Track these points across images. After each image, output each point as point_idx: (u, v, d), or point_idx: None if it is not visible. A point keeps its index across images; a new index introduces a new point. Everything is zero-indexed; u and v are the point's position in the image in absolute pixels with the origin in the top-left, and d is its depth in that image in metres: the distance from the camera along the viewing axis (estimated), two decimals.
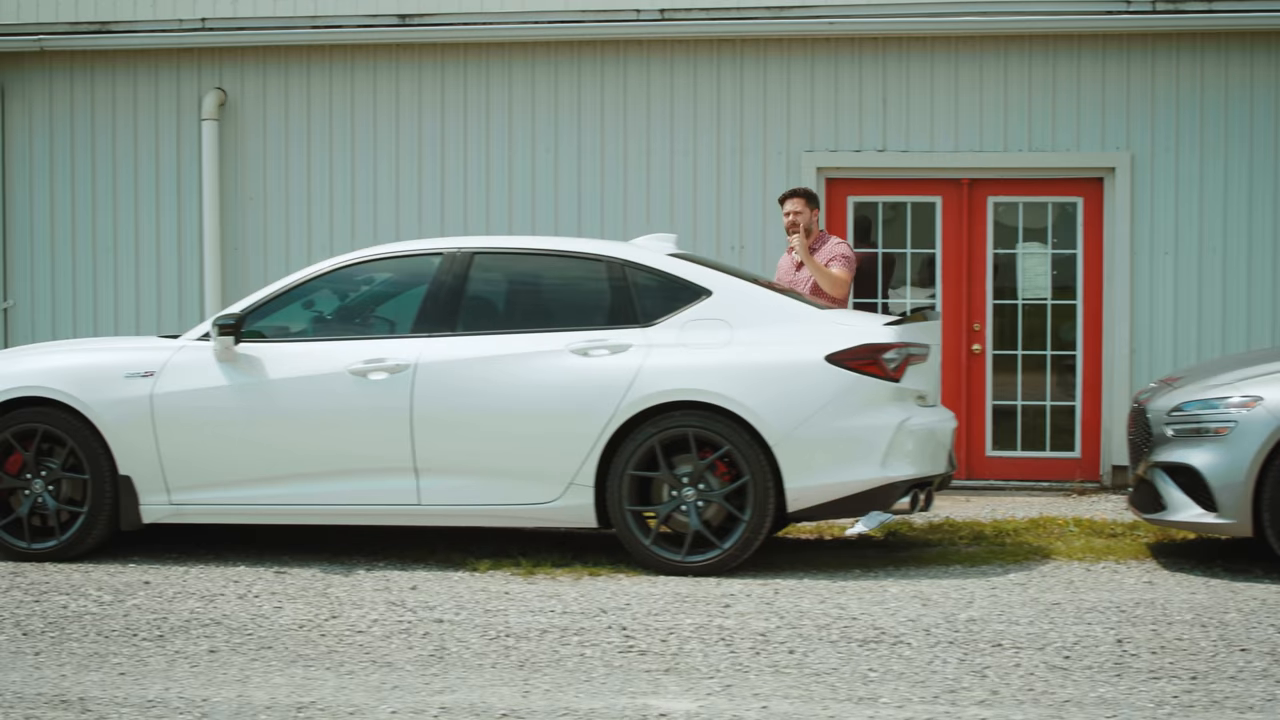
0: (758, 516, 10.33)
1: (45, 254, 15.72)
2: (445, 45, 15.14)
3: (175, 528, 11.50)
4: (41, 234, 15.71)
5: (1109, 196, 14.61)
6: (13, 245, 15.73)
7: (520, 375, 10.57)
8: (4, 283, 15.70)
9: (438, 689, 7.93)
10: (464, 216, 15.14)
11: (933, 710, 7.51)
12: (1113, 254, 14.59)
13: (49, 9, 15.45)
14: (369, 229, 15.15)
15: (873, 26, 14.59)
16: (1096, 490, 14.56)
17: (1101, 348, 14.71)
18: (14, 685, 8.01)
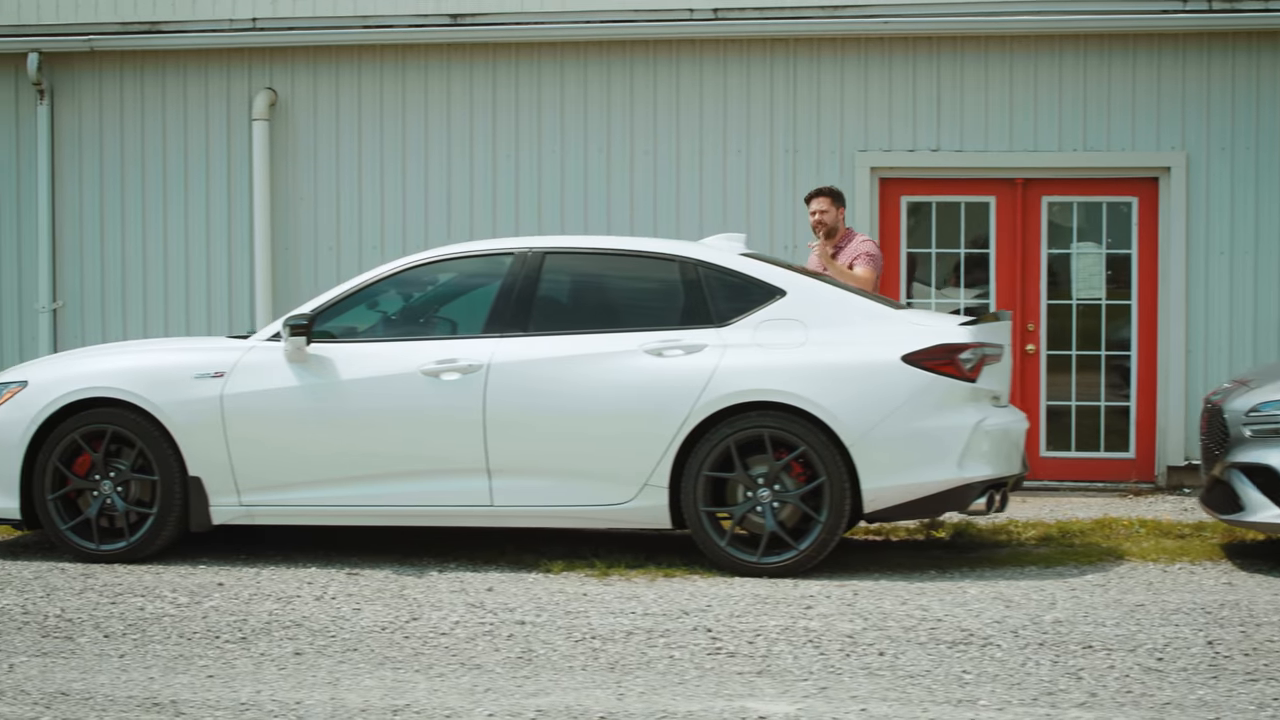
0: (834, 517, 10.28)
1: (95, 254, 15.67)
2: (496, 45, 15.09)
3: (239, 528, 11.43)
4: (91, 234, 15.67)
5: (1164, 196, 14.56)
6: (62, 246, 15.69)
7: (594, 376, 10.52)
8: (54, 283, 15.66)
9: (530, 691, 7.89)
10: (515, 217, 15.10)
11: (1033, 712, 7.47)
12: (1168, 254, 14.54)
13: (99, 9, 15.40)
14: (419, 229, 15.11)
15: (927, 26, 14.54)
16: (1152, 491, 14.50)
17: (1156, 348, 14.66)
18: (103, 687, 7.97)
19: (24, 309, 15.78)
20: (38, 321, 15.67)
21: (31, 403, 10.95)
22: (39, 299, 15.67)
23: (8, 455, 10.97)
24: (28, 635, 9.02)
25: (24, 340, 15.75)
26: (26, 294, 15.76)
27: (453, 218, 15.12)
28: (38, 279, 15.67)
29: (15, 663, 8.43)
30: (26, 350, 15.69)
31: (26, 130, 15.73)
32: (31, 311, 15.73)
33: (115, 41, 15.37)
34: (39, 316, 15.65)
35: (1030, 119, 14.66)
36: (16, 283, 15.77)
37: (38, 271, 15.65)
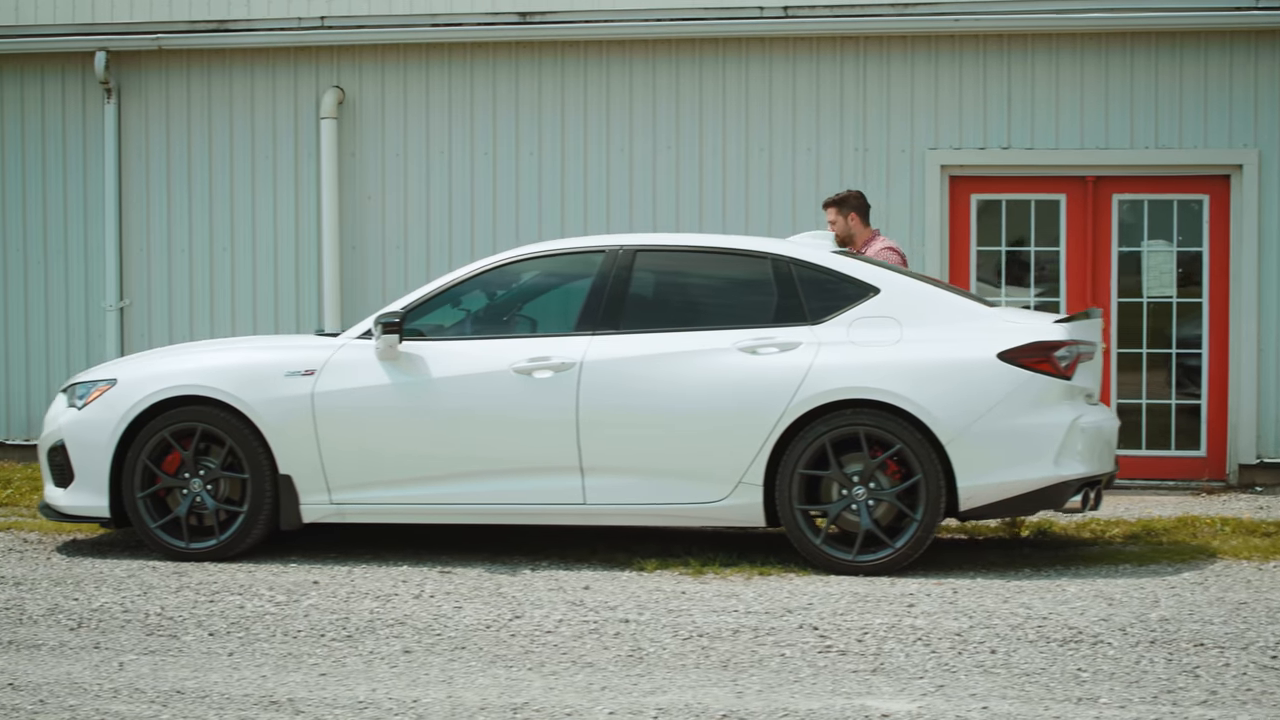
0: (930, 515, 10.26)
1: (162, 253, 15.69)
2: (565, 43, 15.08)
3: (323, 525, 11.41)
4: (158, 233, 15.69)
5: (1236, 194, 14.52)
6: (129, 245, 15.71)
7: (688, 373, 10.50)
8: (120, 282, 15.67)
9: (647, 689, 7.87)
10: (583, 216, 15.09)
11: (1156, 710, 7.44)
12: (1239, 252, 14.50)
13: (167, 8, 15.42)
14: (488, 228, 15.11)
15: (998, 24, 14.51)
16: (1224, 489, 14.46)
17: (1228, 346, 14.62)
18: (217, 685, 7.96)
19: (91, 307, 15.80)
20: (105, 320, 15.68)
21: (121, 401, 10.94)
22: (106, 297, 15.69)
23: (97, 454, 10.96)
24: (132, 633, 9.01)
25: (91, 339, 15.77)
26: (94, 293, 15.78)
27: (520, 217, 15.11)
28: (105, 278, 15.69)
29: (124, 661, 8.43)
30: (94, 349, 15.71)
31: (94, 129, 15.75)
32: (99, 310, 15.75)
33: (183, 40, 15.38)
34: (106, 315, 15.67)
35: (1101, 117, 14.62)
36: (84, 281, 15.78)
37: (105, 270, 15.67)
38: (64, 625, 9.19)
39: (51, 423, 11.27)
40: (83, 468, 11.00)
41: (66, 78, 15.80)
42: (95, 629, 9.11)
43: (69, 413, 11.13)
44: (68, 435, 11.05)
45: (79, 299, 15.81)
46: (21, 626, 9.18)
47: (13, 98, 15.89)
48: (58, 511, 11.20)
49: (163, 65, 15.61)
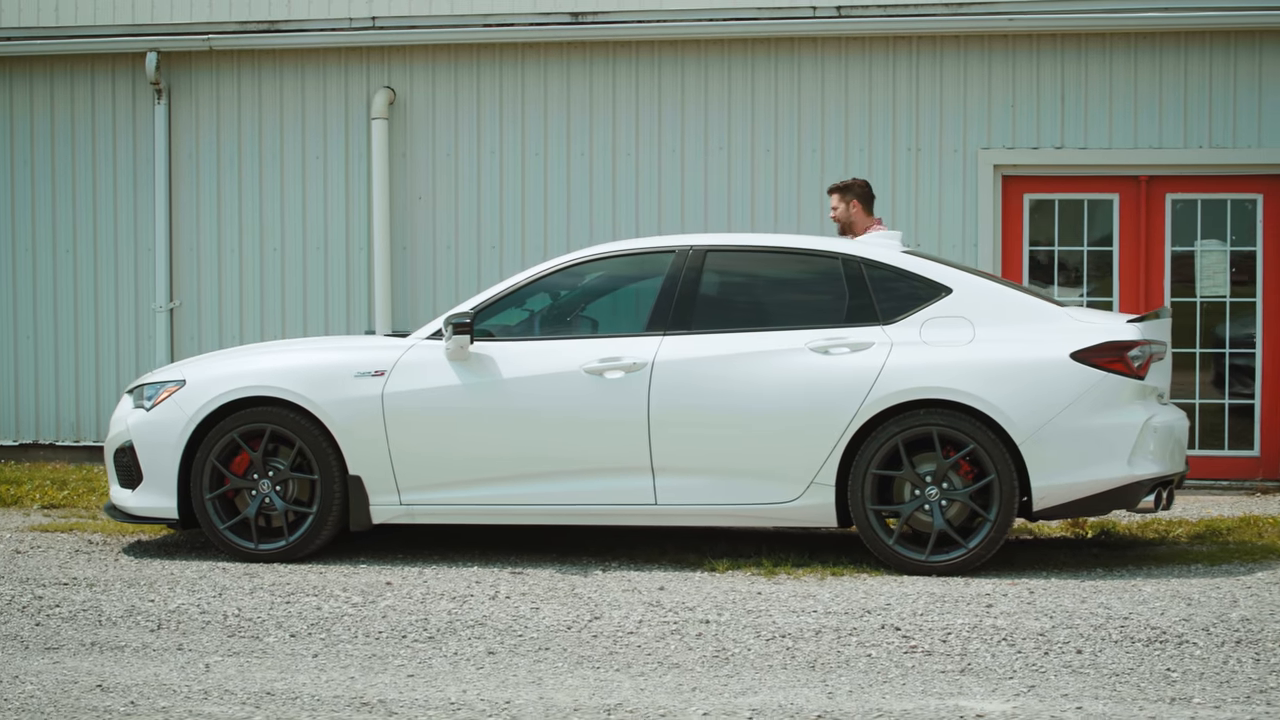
0: (1004, 515, 10.25)
1: (211, 254, 15.70)
2: (616, 43, 15.08)
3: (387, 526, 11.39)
4: (208, 234, 15.70)
5: None
6: (179, 245, 15.72)
7: (760, 373, 10.49)
8: (170, 283, 15.68)
9: (738, 690, 7.87)
10: (635, 217, 15.09)
11: (1251, 711, 7.44)
12: None
13: (218, 8, 15.42)
14: (538, 228, 15.11)
15: (1052, 23, 14.50)
16: (1277, 489, 14.44)
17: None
18: (306, 687, 7.96)
19: (141, 308, 15.81)
20: (154, 321, 15.69)
21: (190, 402, 10.94)
22: (156, 299, 15.70)
23: (165, 454, 10.95)
24: (213, 635, 9.01)
25: (140, 340, 15.78)
26: (144, 294, 15.79)
27: (571, 218, 15.10)
28: (155, 279, 15.70)
29: (210, 662, 8.43)
30: (143, 350, 15.72)
31: (144, 130, 15.76)
32: (149, 311, 15.76)
33: (233, 41, 15.39)
34: (156, 316, 15.68)
35: (1154, 116, 14.61)
36: (134, 282, 15.79)
37: (155, 271, 15.69)
38: (144, 626, 9.19)
39: (118, 424, 11.27)
40: (151, 469, 10.99)
41: (117, 78, 15.81)
42: (176, 630, 9.11)
43: (137, 413, 11.13)
44: (136, 436, 11.05)
45: (129, 300, 15.81)
46: (101, 628, 9.18)
47: (63, 98, 15.90)
48: (125, 513, 11.20)
49: (213, 66, 15.62)
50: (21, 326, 15.95)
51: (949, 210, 14.69)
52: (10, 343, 15.97)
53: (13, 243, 15.97)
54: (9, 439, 16.01)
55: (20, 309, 15.96)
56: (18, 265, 15.97)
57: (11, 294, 15.96)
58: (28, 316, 15.96)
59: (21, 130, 15.95)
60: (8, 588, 10.16)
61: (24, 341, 15.94)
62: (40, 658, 8.54)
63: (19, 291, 15.95)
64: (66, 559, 11.16)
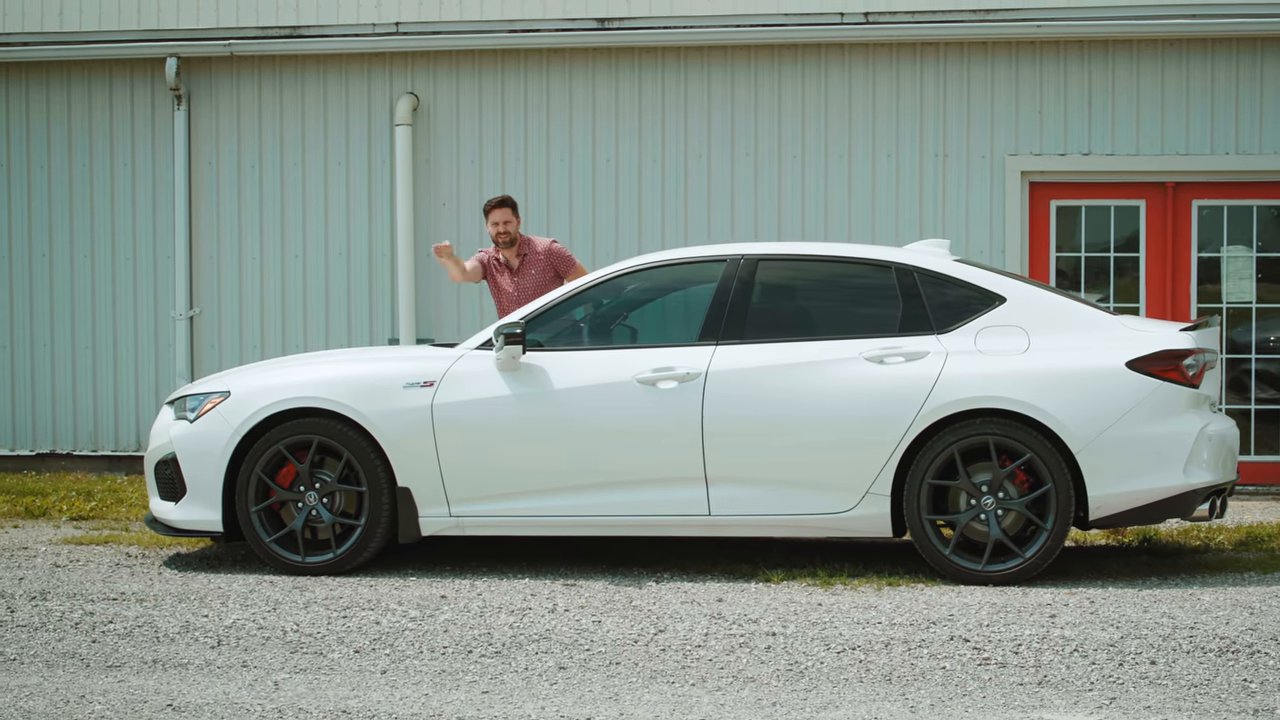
0: (1061, 525, 10.22)
1: (232, 262, 15.59)
2: (642, 49, 15.02)
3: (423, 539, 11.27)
4: (229, 241, 15.59)
5: None
6: (199, 253, 15.60)
7: (814, 383, 10.44)
8: (190, 290, 15.57)
9: (818, 705, 7.82)
10: (660, 223, 15.04)
11: None
12: None
13: (239, 13, 15.31)
14: (564, 237, 15.01)
15: (1078, 29, 14.49)
16: None
17: None
18: (381, 705, 7.89)
19: (160, 316, 15.70)
20: (174, 329, 15.58)
21: (235, 413, 10.84)
22: (175, 306, 15.59)
23: (210, 467, 10.86)
24: (275, 651, 8.92)
25: (160, 348, 15.67)
26: (163, 301, 15.68)
27: (597, 225, 15.04)
28: (174, 286, 15.58)
29: (278, 680, 8.35)
30: (163, 358, 15.61)
31: (163, 135, 15.64)
32: (168, 319, 15.65)
33: (255, 46, 15.29)
34: (175, 324, 15.57)
35: (1181, 122, 14.60)
36: (153, 290, 15.68)
37: (174, 279, 15.57)
38: (203, 643, 9.10)
39: (160, 435, 11.16)
40: (195, 481, 10.90)
41: (136, 84, 15.69)
42: (236, 646, 9.02)
43: (179, 425, 11.03)
44: (179, 448, 10.95)
45: (148, 308, 15.70)
46: (160, 645, 9.08)
47: (81, 104, 15.78)
48: (167, 525, 11.10)
49: (233, 71, 15.52)
50: (39, 335, 15.82)
51: (976, 216, 14.67)
52: (28, 351, 15.84)
53: (30, 250, 15.85)
54: (27, 448, 15.89)
55: (38, 317, 15.83)
56: (35, 273, 15.84)
57: (29, 302, 15.83)
58: (45, 324, 15.83)
59: (39, 136, 15.82)
60: (56, 603, 10.05)
61: (42, 350, 15.81)
62: (103, 676, 8.45)
63: (36, 299, 15.82)
64: (109, 573, 11.05)
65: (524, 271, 13.03)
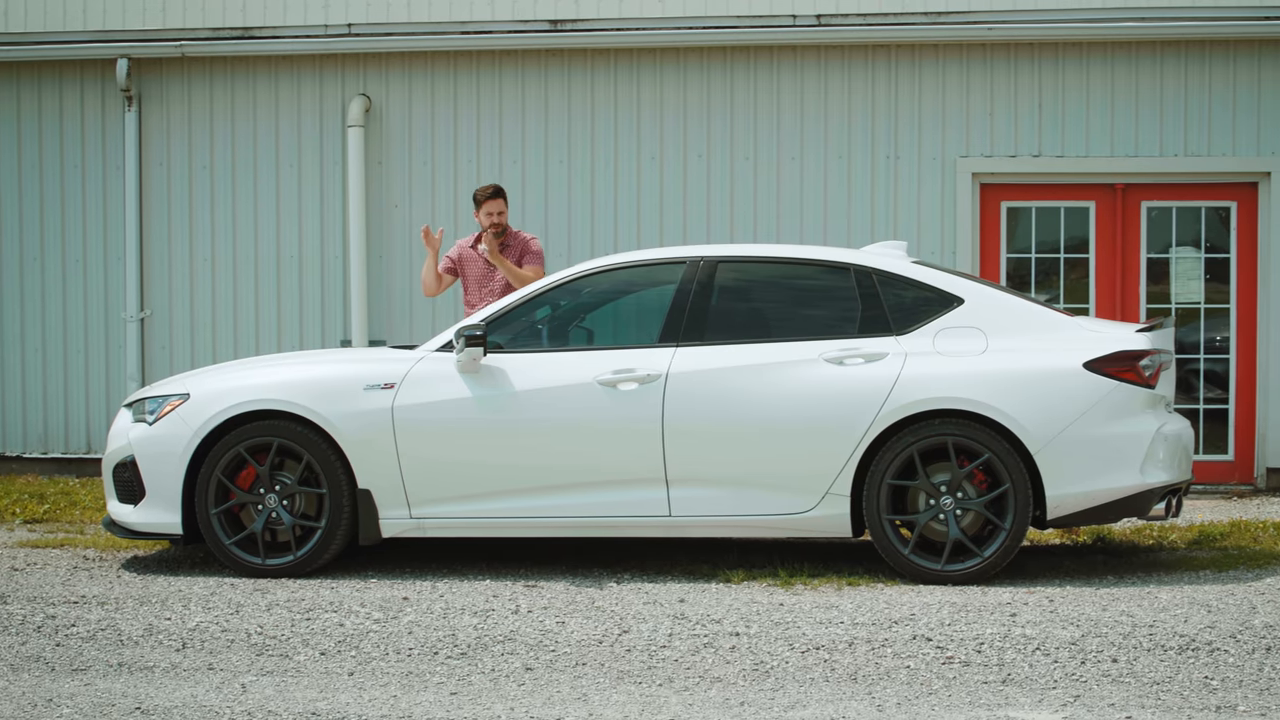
0: (1019, 524, 10.31)
1: (183, 263, 15.53)
2: (595, 51, 15.05)
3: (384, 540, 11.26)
4: (180, 243, 15.54)
5: (1264, 201, 14.66)
6: (150, 254, 15.54)
7: (774, 385, 10.50)
8: (141, 291, 15.50)
9: (785, 704, 7.87)
10: (614, 224, 15.07)
11: None
12: (1267, 257, 14.64)
13: (190, 15, 15.26)
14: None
15: (1030, 32, 14.59)
16: (1252, 493, 14.60)
17: (1255, 351, 14.75)
18: (350, 706, 7.91)
19: (110, 318, 15.62)
20: (125, 331, 15.52)
21: (194, 416, 10.82)
22: (126, 308, 15.53)
23: (170, 469, 10.83)
24: (241, 654, 8.91)
25: (111, 350, 15.60)
26: (113, 303, 15.61)
27: (550, 226, 15.04)
28: (125, 288, 15.52)
29: (245, 682, 8.35)
30: (114, 360, 15.54)
31: (114, 137, 15.58)
32: (119, 321, 15.58)
33: (206, 47, 15.24)
34: (126, 326, 15.51)
35: (1131, 125, 14.73)
36: (103, 292, 15.61)
37: (125, 280, 15.51)
38: (168, 646, 9.08)
39: (118, 438, 11.13)
40: (154, 484, 10.87)
41: (86, 85, 15.62)
42: (201, 649, 9.00)
43: (138, 428, 11.00)
44: (139, 450, 10.92)
45: (98, 310, 15.62)
46: (124, 648, 9.06)
47: (32, 105, 15.70)
48: (126, 528, 11.06)
49: (185, 72, 15.47)
50: None
51: (927, 218, 14.76)
52: None
53: None
54: None
55: None
56: None
57: None
58: None
59: None
60: (17, 607, 10.01)
61: None
62: (69, 680, 8.43)
63: None
64: (68, 576, 11.01)
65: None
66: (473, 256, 13.20)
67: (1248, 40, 14.56)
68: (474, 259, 13.19)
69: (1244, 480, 14.80)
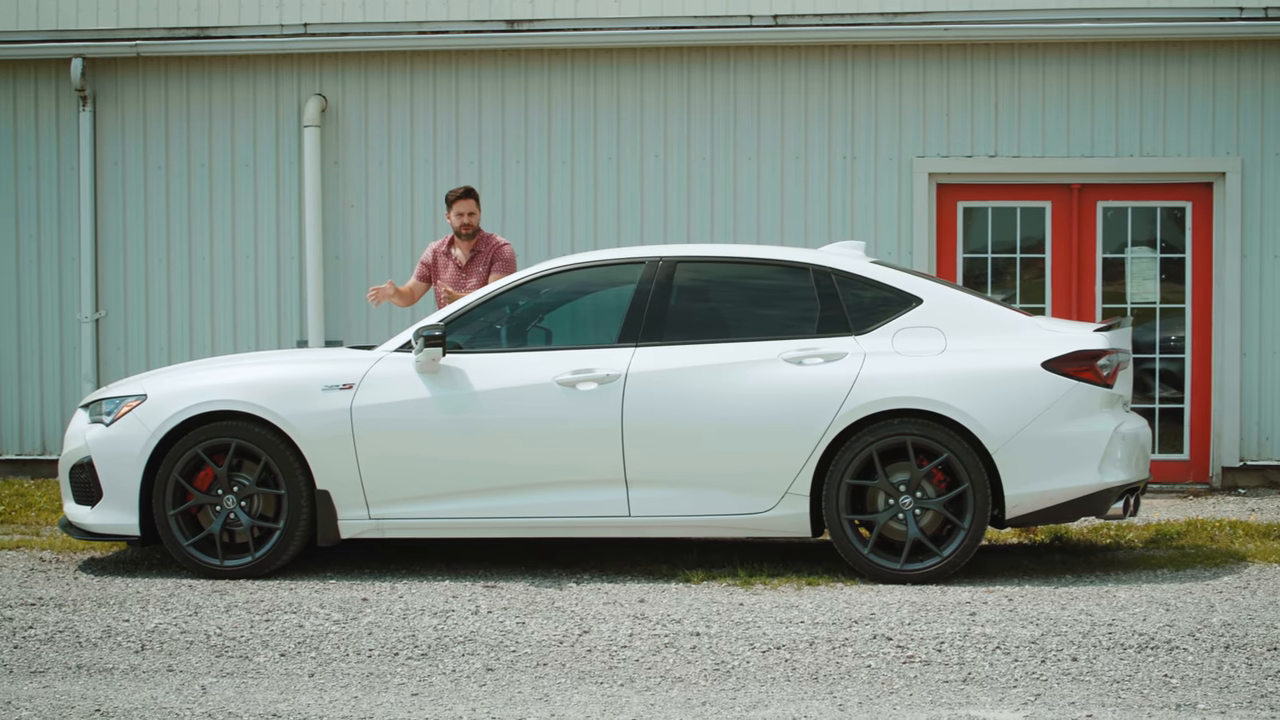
0: (978, 524, 10.34)
1: (139, 264, 15.45)
2: (552, 51, 15.03)
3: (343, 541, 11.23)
4: (135, 244, 15.45)
5: (1218, 201, 14.73)
6: (105, 255, 15.45)
7: (734, 385, 10.50)
8: (96, 292, 15.42)
9: (747, 704, 7.89)
10: (571, 223, 15.06)
11: (1256, 715, 7.60)
12: (1223, 258, 14.71)
13: (146, 14, 15.18)
14: None
15: (985, 33, 14.63)
16: (1208, 492, 14.66)
17: (1211, 350, 14.82)
18: (311, 708, 7.90)
19: (65, 319, 15.53)
20: (80, 332, 15.43)
21: (152, 417, 10.78)
22: (81, 309, 15.43)
23: (127, 470, 10.79)
24: (200, 655, 8.88)
25: (65, 351, 15.50)
26: (68, 304, 15.52)
27: (507, 227, 15.00)
28: (80, 288, 15.42)
29: (206, 684, 8.32)
30: (69, 361, 15.45)
31: (68, 138, 15.48)
32: (74, 321, 15.49)
33: (162, 47, 15.16)
34: (81, 326, 15.42)
35: (1087, 125, 14.78)
36: (58, 292, 15.52)
37: (80, 280, 15.41)
38: (126, 648, 9.04)
39: (74, 439, 11.07)
40: (111, 485, 10.82)
41: (40, 85, 15.53)
42: (160, 651, 8.97)
43: (95, 429, 10.94)
44: (95, 452, 10.87)
45: (53, 310, 15.53)
46: (83, 650, 9.02)
47: None
48: (82, 529, 11.01)
49: (140, 72, 15.38)
50: None
51: (884, 218, 14.79)
52: None
53: None
54: None
55: None
56: None
57: None
58: None
59: None
60: None
61: None
62: (28, 682, 8.39)
63: None
64: (24, 577, 10.95)
65: (471, 267, 12.99)
66: (444, 259, 13.16)
67: (1203, 41, 14.63)
68: (445, 261, 13.14)
69: (1199, 479, 14.86)
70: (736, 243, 14.67)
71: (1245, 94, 14.68)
